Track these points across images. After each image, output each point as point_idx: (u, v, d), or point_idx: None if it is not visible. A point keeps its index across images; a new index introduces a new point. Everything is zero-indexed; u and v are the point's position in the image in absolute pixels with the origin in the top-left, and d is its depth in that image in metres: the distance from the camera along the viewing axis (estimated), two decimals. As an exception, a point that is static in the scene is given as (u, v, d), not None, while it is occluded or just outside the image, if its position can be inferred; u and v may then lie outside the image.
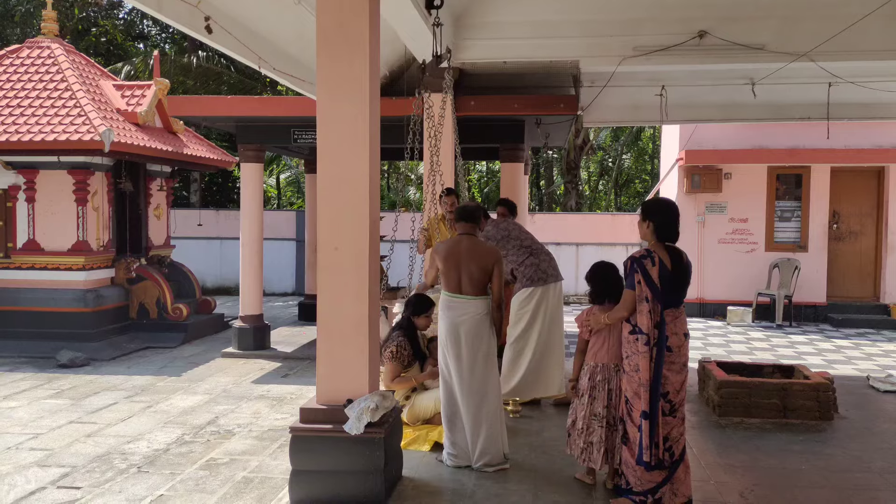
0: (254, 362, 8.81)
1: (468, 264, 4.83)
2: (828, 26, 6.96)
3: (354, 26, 4.34)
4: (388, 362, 5.56)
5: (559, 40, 7.51)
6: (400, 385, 5.59)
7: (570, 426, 4.67)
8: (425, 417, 5.59)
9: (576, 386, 4.66)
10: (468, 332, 4.80)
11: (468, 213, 5.09)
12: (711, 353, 9.66)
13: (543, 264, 6.77)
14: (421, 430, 5.49)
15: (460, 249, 4.90)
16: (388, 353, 5.56)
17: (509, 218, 7.11)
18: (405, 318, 5.79)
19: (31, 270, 9.49)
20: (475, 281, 4.83)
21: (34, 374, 8.05)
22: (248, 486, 4.75)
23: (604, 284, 4.64)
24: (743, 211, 12.97)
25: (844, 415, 6.39)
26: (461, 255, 4.87)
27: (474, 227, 5.07)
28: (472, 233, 5.02)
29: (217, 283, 15.71)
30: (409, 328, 5.73)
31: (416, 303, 5.81)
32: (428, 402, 5.57)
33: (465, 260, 4.84)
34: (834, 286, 12.95)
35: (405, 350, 5.61)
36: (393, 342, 5.62)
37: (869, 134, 12.46)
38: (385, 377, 5.58)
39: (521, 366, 6.63)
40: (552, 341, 6.70)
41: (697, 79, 9.74)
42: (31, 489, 4.74)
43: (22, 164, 9.39)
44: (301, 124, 9.28)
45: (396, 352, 5.56)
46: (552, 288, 6.73)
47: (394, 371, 5.56)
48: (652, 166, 26.63)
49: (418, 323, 5.78)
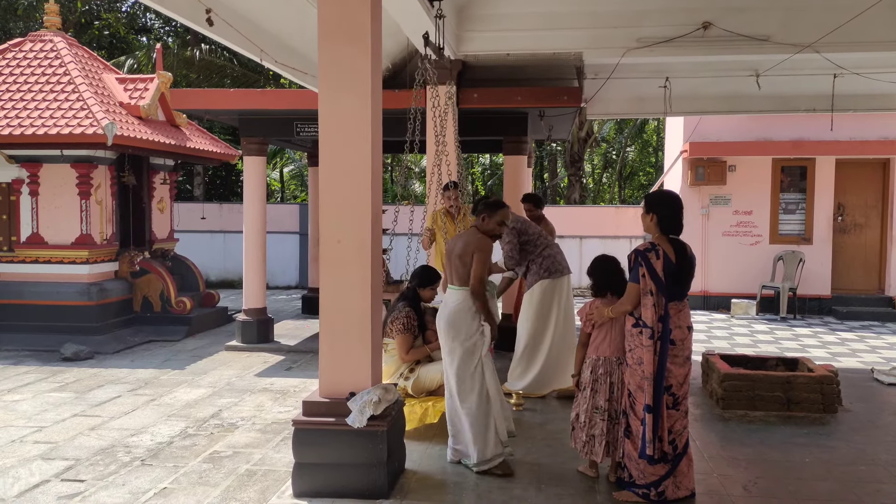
0: (257, 355, 8.81)
1: (453, 256, 4.86)
2: (832, 17, 6.92)
3: (356, 18, 4.33)
4: (400, 335, 5.55)
5: (562, 32, 7.48)
6: (415, 356, 5.60)
7: (573, 419, 4.66)
8: (430, 389, 5.59)
9: (578, 379, 4.66)
10: (446, 322, 4.78)
11: (476, 207, 5.08)
12: (715, 345, 9.64)
13: (559, 256, 6.80)
14: (427, 401, 5.49)
15: (454, 243, 4.95)
16: (400, 326, 5.55)
17: (536, 212, 7.29)
18: (410, 289, 5.77)
19: (35, 264, 9.50)
20: (458, 272, 4.80)
21: (38, 368, 8.07)
22: (251, 479, 4.75)
23: (605, 277, 4.64)
24: (747, 203, 12.92)
25: (848, 407, 6.38)
26: (452, 247, 4.93)
27: (478, 221, 4.99)
28: (477, 226, 4.96)
29: (221, 277, 15.72)
30: (414, 299, 5.72)
31: (423, 274, 5.80)
32: (434, 373, 5.55)
33: (454, 252, 4.87)
34: (838, 279, 12.91)
35: (414, 321, 5.61)
36: (401, 313, 5.60)
37: (874, 126, 12.39)
38: (398, 350, 5.57)
39: (538, 360, 6.63)
40: (568, 334, 6.71)
41: (701, 70, 9.69)
42: (35, 482, 4.75)
43: (25, 157, 9.39)
44: (304, 117, 9.26)
45: (408, 323, 5.56)
46: (566, 280, 6.76)
47: (406, 342, 5.55)
48: (656, 159, 26.55)
49: (423, 295, 5.77)
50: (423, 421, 5.36)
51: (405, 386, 5.56)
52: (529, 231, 6.81)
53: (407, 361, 5.60)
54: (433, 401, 5.48)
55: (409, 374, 5.61)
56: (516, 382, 6.67)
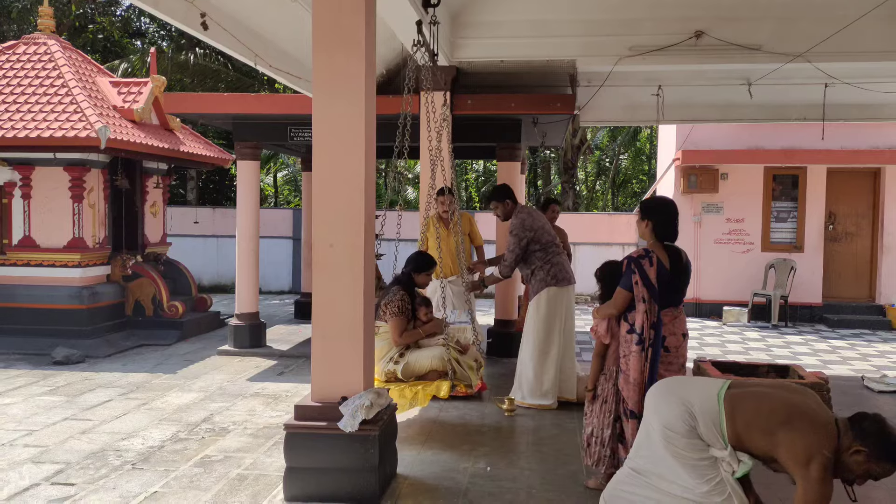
0: (249, 360, 8.80)
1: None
2: (823, 27, 6.99)
3: (350, 23, 4.35)
4: (394, 318, 5.55)
5: (556, 39, 7.53)
6: (408, 339, 5.61)
7: (588, 436, 4.57)
8: (420, 374, 5.60)
9: (595, 392, 4.56)
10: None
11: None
12: (707, 353, 9.67)
13: (567, 264, 6.69)
14: (416, 385, 5.50)
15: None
16: (395, 309, 5.56)
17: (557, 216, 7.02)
18: (405, 274, 5.79)
19: (27, 267, 9.46)
20: None
21: (29, 371, 8.03)
22: (242, 483, 4.75)
23: (615, 283, 4.58)
24: (739, 211, 12.98)
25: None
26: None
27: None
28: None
29: (213, 281, 15.68)
30: (409, 284, 5.74)
31: (418, 259, 5.82)
32: (423, 359, 5.56)
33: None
34: (830, 287, 12.97)
35: (408, 304, 5.62)
36: (395, 296, 5.61)
37: (865, 135, 12.49)
38: (391, 332, 5.58)
39: (549, 370, 6.52)
40: (570, 344, 6.67)
41: (694, 79, 9.76)
42: (25, 485, 4.73)
43: (18, 160, 9.37)
44: (297, 122, 9.27)
45: (402, 305, 5.57)
46: (571, 289, 6.65)
47: (400, 325, 5.56)
48: (649, 167, 26.65)
49: (418, 280, 5.79)
50: (414, 404, 5.38)
51: (395, 370, 5.57)
52: (543, 240, 6.57)
53: (399, 344, 5.60)
54: (423, 385, 5.49)
55: (399, 359, 5.61)
56: (532, 397, 6.48)
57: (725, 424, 3.34)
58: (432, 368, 5.50)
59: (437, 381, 5.41)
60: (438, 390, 5.35)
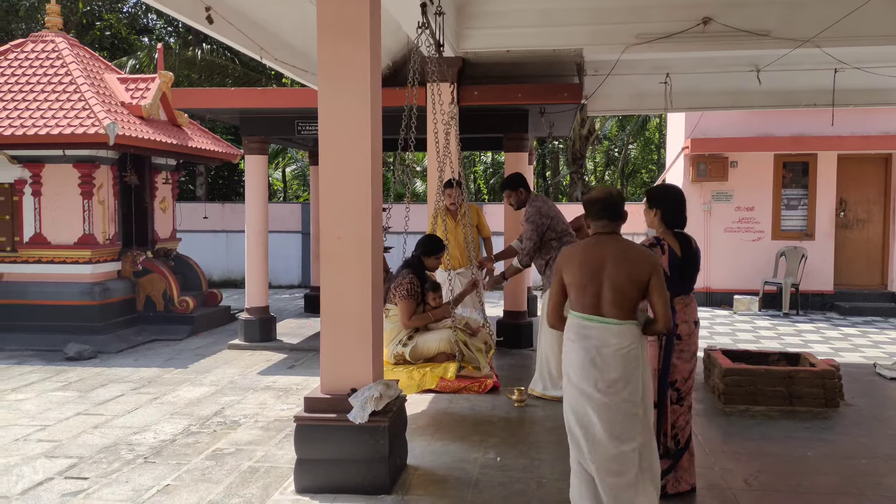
0: (260, 354, 8.83)
1: (613, 274, 3.55)
2: (832, 11, 6.92)
3: (355, 14, 4.34)
4: (403, 300, 5.58)
5: (562, 28, 7.48)
6: (418, 322, 5.63)
7: None
8: (428, 356, 5.63)
9: None
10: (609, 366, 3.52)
11: (612, 204, 3.71)
12: (718, 341, 9.64)
13: None
14: (424, 367, 5.53)
15: (602, 254, 3.63)
16: (404, 292, 5.57)
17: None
18: (415, 257, 5.80)
19: (38, 264, 9.53)
20: (622, 298, 3.53)
21: (42, 367, 8.09)
22: (253, 476, 4.77)
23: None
24: (749, 199, 12.91)
25: (850, 402, 6.37)
26: (602, 261, 3.59)
27: (619, 225, 3.80)
28: (617, 231, 3.78)
29: (223, 276, 15.75)
30: (419, 267, 5.75)
31: (428, 243, 5.83)
32: (432, 341, 5.59)
33: (609, 269, 3.57)
34: (841, 274, 12.89)
35: (418, 287, 5.64)
36: (405, 279, 5.63)
37: (876, 120, 12.38)
38: (401, 315, 5.59)
39: None
40: None
41: (702, 66, 9.69)
42: (39, 480, 4.77)
43: (27, 157, 9.42)
44: (304, 116, 9.26)
45: (411, 289, 5.58)
46: None
47: (409, 308, 5.58)
48: (658, 156, 26.52)
49: (428, 263, 5.80)
50: (422, 386, 5.42)
51: (403, 352, 5.59)
52: (558, 228, 6.46)
53: (409, 327, 5.62)
54: (430, 367, 5.51)
55: (408, 342, 5.65)
56: (555, 388, 6.33)
57: None
58: (440, 350, 5.54)
59: (444, 363, 5.44)
60: (446, 372, 5.39)
